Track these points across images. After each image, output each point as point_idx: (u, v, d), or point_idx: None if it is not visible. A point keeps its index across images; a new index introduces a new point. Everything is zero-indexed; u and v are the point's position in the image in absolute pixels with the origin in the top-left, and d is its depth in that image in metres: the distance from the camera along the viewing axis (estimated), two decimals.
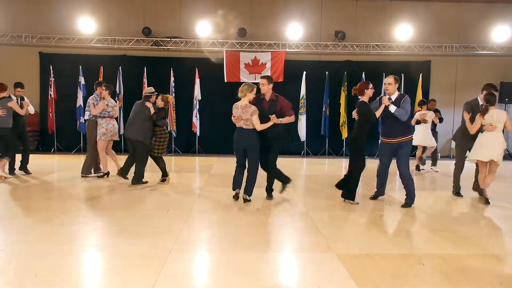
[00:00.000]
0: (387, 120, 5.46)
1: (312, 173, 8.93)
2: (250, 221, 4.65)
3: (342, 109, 11.60)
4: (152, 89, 6.95)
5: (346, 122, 11.60)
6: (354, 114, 5.56)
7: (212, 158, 10.78)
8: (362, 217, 4.95)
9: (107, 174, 7.31)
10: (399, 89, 5.92)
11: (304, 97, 11.46)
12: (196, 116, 11.48)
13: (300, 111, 11.43)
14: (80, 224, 4.47)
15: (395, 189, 6.77)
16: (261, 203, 5.49)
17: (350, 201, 5.56)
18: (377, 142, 11.69)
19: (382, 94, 5.85)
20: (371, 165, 6.95)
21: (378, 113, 5.40)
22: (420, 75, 11.59)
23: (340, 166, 10.04)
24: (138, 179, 6.65)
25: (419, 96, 11.57)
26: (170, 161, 10.35)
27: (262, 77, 5.60)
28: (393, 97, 5.40)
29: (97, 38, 11.59)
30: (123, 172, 6.78)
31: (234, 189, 5.61)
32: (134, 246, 3.71)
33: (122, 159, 7.23)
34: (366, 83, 5.53)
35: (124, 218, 4.68)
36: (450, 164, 8.45)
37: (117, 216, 4.82)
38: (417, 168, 9.13)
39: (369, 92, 5.47)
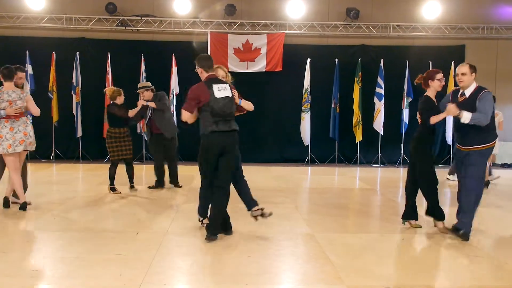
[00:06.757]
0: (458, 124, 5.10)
1: (318, 185, 8.94)
2: (240, 245, 4.64)
3: (356, 106, 11.66)
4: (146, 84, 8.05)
5: (361, 122, 11.66)
6: (418, 115, 5.35)
7: (193, 167, 10.73)
8: (379, 241, 4.97)
9: (24, 205, 5.95)
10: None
11: (309, 90, 11.51)
12: (173, 114, 11.46)
13: (303, 108, 11.48)
14: (26, 250, 4.43)
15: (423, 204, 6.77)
16: (254, 223, 5.46)
17: (438, 220, 5.33)
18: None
19: (455, 87, 5.44)
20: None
21: (433, 120, 5.09)
22: (452, 62, 11.66)
23: (353, 176, 10.07)
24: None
25: (450, 89, 11.66)
26: (140, 170, 10.30)
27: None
28: (468, 92, 5.02)
29: (49, 16, 11.56)
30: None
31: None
32: (95, 278, 3.68)
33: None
34: (434, 72, 5.26)
35: (83, 242, 4.65)
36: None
37: (73, 239, 4.78)
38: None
39: (435, 84, 5.18)
